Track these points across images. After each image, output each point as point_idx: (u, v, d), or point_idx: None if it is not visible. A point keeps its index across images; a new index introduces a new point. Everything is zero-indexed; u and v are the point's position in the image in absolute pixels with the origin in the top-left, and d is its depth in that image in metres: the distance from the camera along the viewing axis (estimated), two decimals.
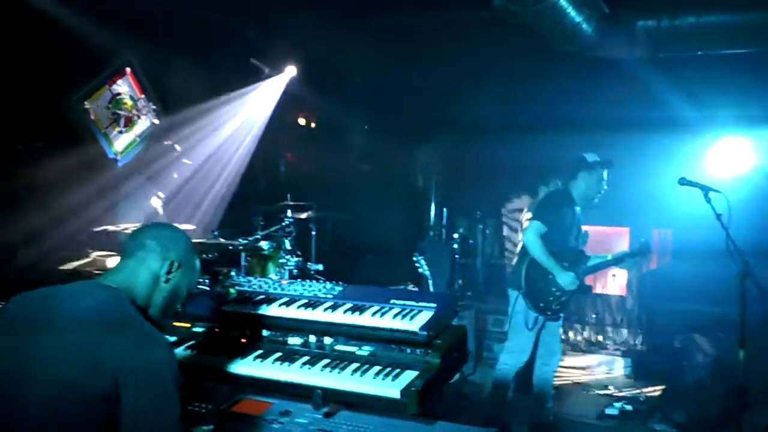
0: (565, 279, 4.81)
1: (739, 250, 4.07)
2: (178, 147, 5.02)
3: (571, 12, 5.84)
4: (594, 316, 7.62)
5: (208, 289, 3.28)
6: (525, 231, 4.95)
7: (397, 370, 2.54)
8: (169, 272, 2.24)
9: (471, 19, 6.81)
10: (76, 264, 4.53)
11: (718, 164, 7.58)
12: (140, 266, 2.21)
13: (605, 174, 5.01)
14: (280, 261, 5.49)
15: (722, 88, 6.97)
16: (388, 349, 2.68)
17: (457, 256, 8.60)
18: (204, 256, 5.25)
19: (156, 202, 5.13)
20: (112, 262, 4.17)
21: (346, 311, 2.82)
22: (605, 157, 5.06)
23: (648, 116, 7.46)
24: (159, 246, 2.24)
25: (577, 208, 5.04)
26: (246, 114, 7.61)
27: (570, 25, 5.98)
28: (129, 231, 2.40)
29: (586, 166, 4.99)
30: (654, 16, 6.27)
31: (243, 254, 5.42)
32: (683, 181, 4.35)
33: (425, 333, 2.55)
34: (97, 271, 4.28)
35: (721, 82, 6.89)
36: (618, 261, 5.12)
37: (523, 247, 4.95)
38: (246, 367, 2.73)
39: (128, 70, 6.64)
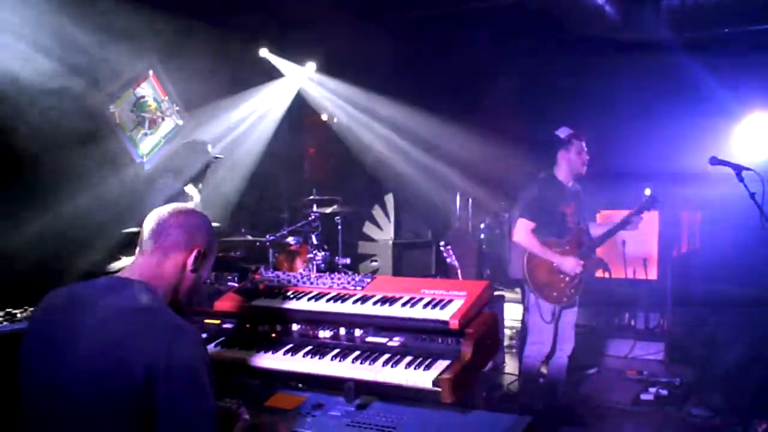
0: (567, 263, 4.78)
1: None
2: (213, 150, 5.01)
3: None
4: (626, 301, 7.53)
5: (237, 284, 3.29)
6: (515, 230, 4.92)
7: (429, 360, 2.51)
8: (195, 261, 2.17)
9: (491, 7, 6.75)
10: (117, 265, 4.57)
11: (748, 144, 7.44)
12: (166, 257, 2.13)
13: (584, 144, 4.95)
14: (308, 256, 5.51)
15: (751, 65, 6.83)
16: (419, 339, 2.64)
17: (483, 245, 8.57)
18: (231, 253, 5.29)
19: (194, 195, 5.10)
20: None
21: (375, 303, 2.80)
22: (576, 128, 5.01)
23: (675, 98, 7.34)
24: (184, 235, 2.16)
25: (570, 185, 5.00)
26: (266, 110, 7.63)
27: (593, 7, 5.91)
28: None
29: (562, 145, 4.95)
30: None
31: (270, 250, 5.43)
32: (714, 161, 4.27)
33: (456, 321, 2.52)
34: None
35: (750, 59, 6.75)
36: (624, 224, 5.01)
37: (517, 244, 4.94)
38: (277, 361, 2.72)
39: (151, 72, 6.69)
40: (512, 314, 7.16)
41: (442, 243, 5.70)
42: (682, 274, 7.60)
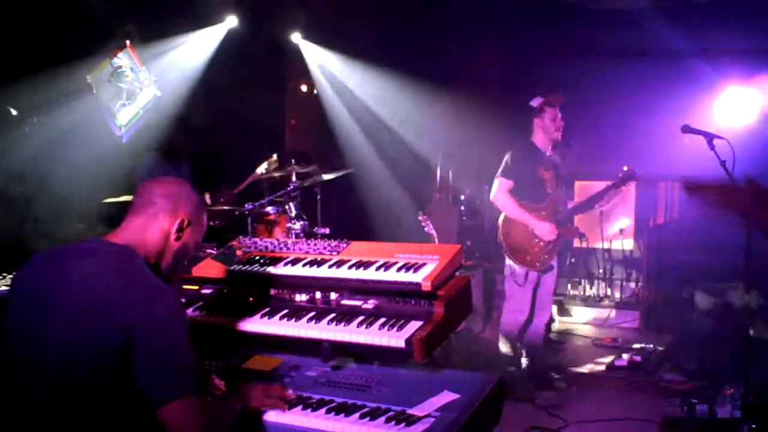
0: (542, 228, 4.86)
1: None
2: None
3: None
4: (602, 269, 7.65)
5: (215, 252, 3.32)
6: (492, 190, 5.00)
7: (402, 321, 2.56)
8: (179, 230, 2.23)
9: None
10: None
11: (724, 113, 7.50)
12: (150, 224, 2.18)
13: (558, 110, 5.04)
14: (287, 225, 5.53)
15: (730, 33, 6.89)
16: (393, 301, 2.69)
17: (464, 217, 8.62)
18: (210, 222, 5.30)
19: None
20: None
21: (350, 267, 2.83)
22: (549, 95, 5.08)
23: (654, 69, 7.39)
24: (169, 204, 2.22)
25: (548, 153, 5.09)
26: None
27: None
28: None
29: (535, 114, 5.06)
30: None
31: (249, 219, 5.47)
32: (687, 129, 4.33)
33: (429, 283, 2.57)
34: None
35: (729, 28, 6.81)
36: (599, 196, 5.11)
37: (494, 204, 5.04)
38: (254, 324, 2.76)
39: (128, 42, 6.62)
40: (492, 284, 7.24)
41: (420, 213, 5.75)
42: (659, 243, 7.72)
